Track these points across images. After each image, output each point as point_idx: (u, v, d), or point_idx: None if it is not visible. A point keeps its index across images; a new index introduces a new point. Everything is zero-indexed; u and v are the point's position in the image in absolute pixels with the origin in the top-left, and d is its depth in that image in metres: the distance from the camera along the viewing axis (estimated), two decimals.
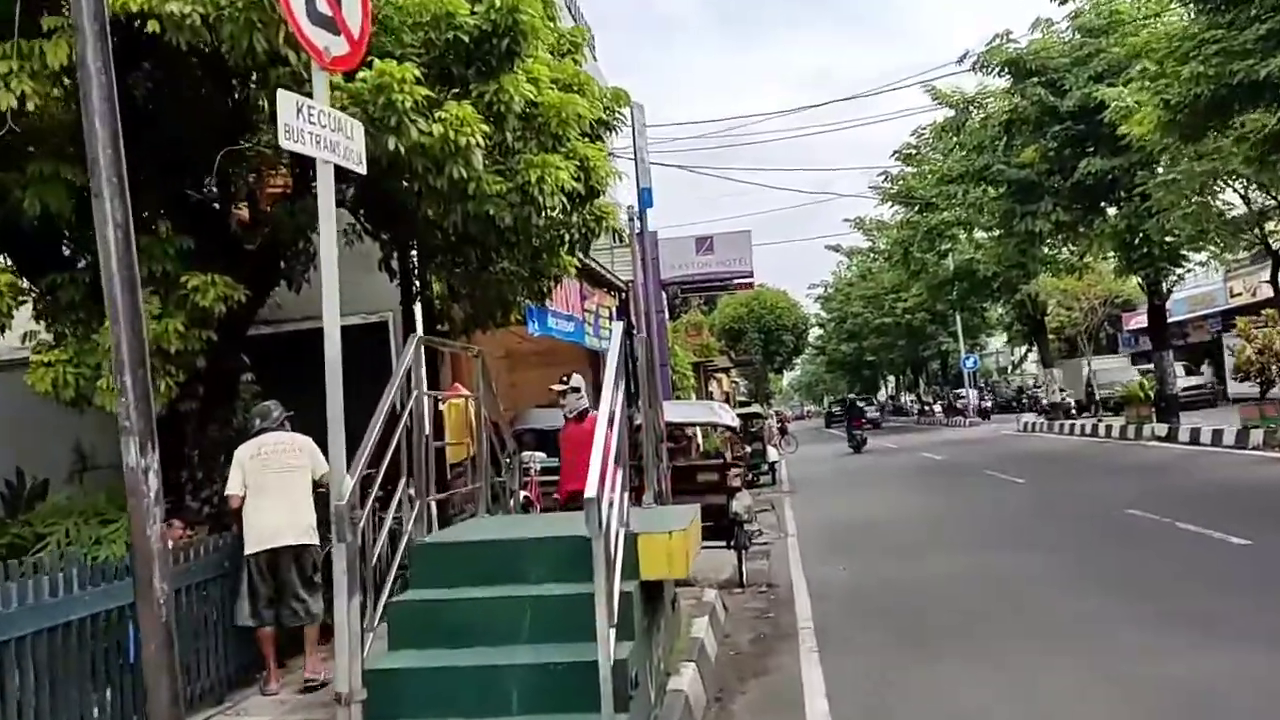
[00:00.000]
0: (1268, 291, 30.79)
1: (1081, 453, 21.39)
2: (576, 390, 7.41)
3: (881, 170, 29.38)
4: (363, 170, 4.43)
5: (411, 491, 5.10)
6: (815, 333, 62.25)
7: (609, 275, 21.29)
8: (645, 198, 8.09)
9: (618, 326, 5.41)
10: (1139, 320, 42.03)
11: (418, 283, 8.84)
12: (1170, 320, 25.02)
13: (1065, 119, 19.84)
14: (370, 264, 8.80)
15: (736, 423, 9.48)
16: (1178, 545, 9.44)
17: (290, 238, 7.05)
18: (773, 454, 21.93)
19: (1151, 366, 23.16)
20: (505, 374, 23.81)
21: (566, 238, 7.40)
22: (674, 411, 9.36)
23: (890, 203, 30.08)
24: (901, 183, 28.83)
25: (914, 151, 29.23)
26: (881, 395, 72.37)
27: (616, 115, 7.76)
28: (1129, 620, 6.76)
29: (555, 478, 9.16)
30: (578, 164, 6.58)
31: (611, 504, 4.30)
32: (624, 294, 23.54)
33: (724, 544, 9.54)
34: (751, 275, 25.04)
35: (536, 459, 9.07)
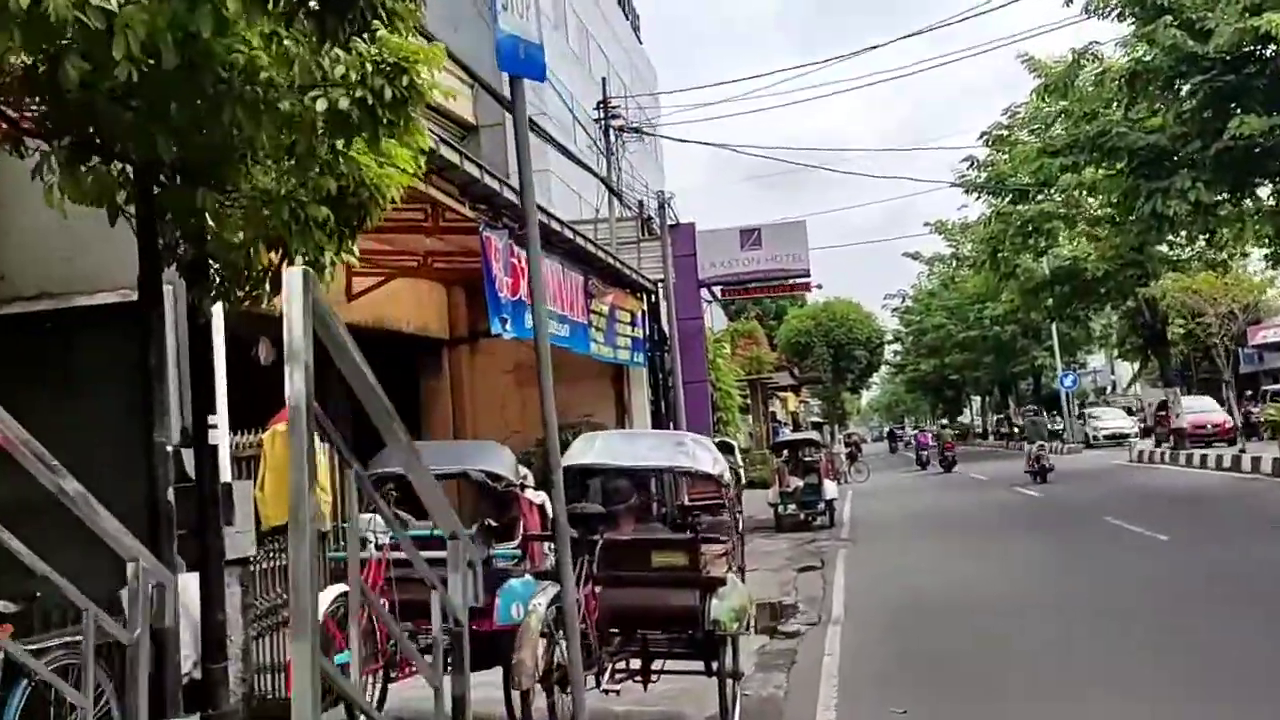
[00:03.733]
0: None
1: (1229, 494, 16.78)
2: None
3: (967, 156, 25.02)
4: None
5: None
6: (893, 348, 57.43)
7: (630, 271, 17.66)
8: (504, 54, 4.10)
9: None
10: (1267, 333, 36.39)
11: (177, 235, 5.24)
12: None
13: (1209, 68, 15.45)
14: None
15: (721, 470, 5.66)
16: None
17: None
18: (830, 490, 17.86)
19: None
20: (514, 390, 20.29)
21: (325, 103, 3.67)
22: (604, 449, 5.60)
23: (977, 194, 25.70)
24: (991, 169, 24.46)
25: (1005, 133, 24.86)
26: (966, 418, 66.93)
27: None
28: None
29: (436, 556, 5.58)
30: None
31: None
32: (653, 295, 19.86)
33: (700, 668, 5.72)
34: (808, 275, 21.08)
35: (377, 527, 5.39)
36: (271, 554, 5.82)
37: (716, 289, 22.21)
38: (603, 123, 19.49)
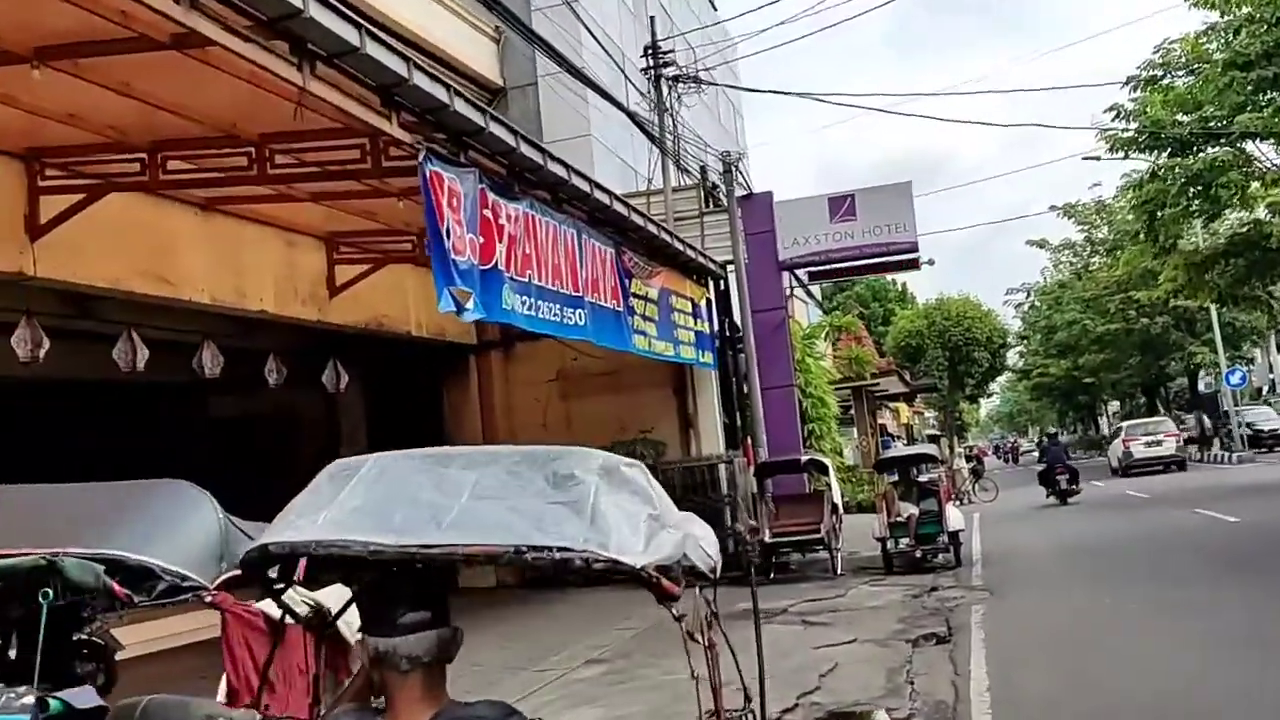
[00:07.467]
0: None
1: None
2: None
3: (1111, 105, 20.45)
4: None
5: None
6: (1017, 350, 51.81)
7: (686, 248, 14.13)
8: None
9: None
10: None
11: None
12: None
13: None
14: None
15: (665, 554, 2.01)
16: None
17: None
18: (954, 519, 13.81)
19: None
20: (556, 402, 16.95)
21: None
22: (365, 502, 2.12)
23: (1124, 151, 21.03)
24: (1145, 116, 19.84)
25: (1159, 74, 20.25)
26: (1106, 427, 60.31)
27: None
28: None
29: None
30: None
31: None
32: (720, 281, 16.27)
33: None
34: (916, 249, 17.07)
35: None
36: None
37: (802, 272, 18.39)
38: (652, 72, 16.01)
